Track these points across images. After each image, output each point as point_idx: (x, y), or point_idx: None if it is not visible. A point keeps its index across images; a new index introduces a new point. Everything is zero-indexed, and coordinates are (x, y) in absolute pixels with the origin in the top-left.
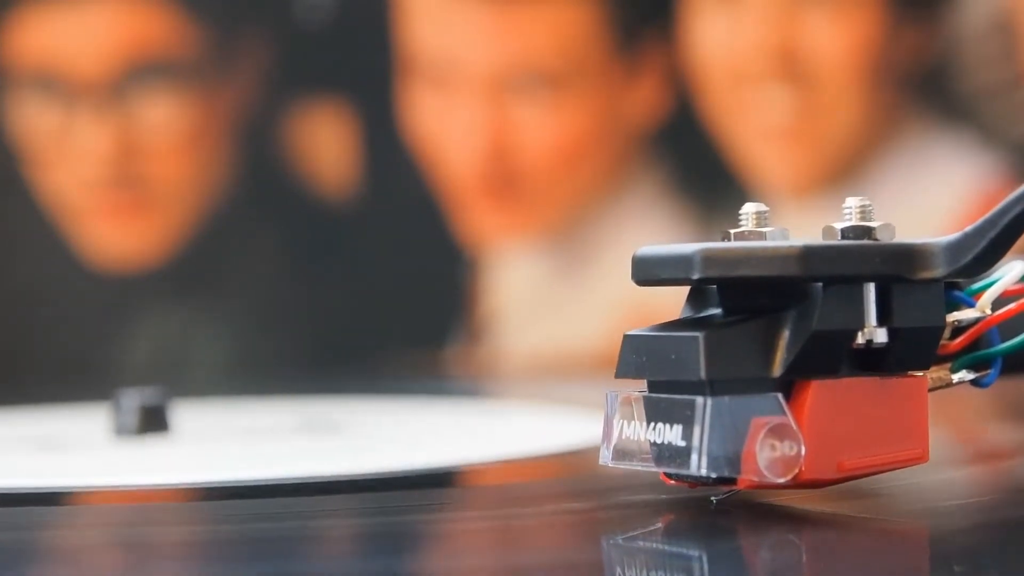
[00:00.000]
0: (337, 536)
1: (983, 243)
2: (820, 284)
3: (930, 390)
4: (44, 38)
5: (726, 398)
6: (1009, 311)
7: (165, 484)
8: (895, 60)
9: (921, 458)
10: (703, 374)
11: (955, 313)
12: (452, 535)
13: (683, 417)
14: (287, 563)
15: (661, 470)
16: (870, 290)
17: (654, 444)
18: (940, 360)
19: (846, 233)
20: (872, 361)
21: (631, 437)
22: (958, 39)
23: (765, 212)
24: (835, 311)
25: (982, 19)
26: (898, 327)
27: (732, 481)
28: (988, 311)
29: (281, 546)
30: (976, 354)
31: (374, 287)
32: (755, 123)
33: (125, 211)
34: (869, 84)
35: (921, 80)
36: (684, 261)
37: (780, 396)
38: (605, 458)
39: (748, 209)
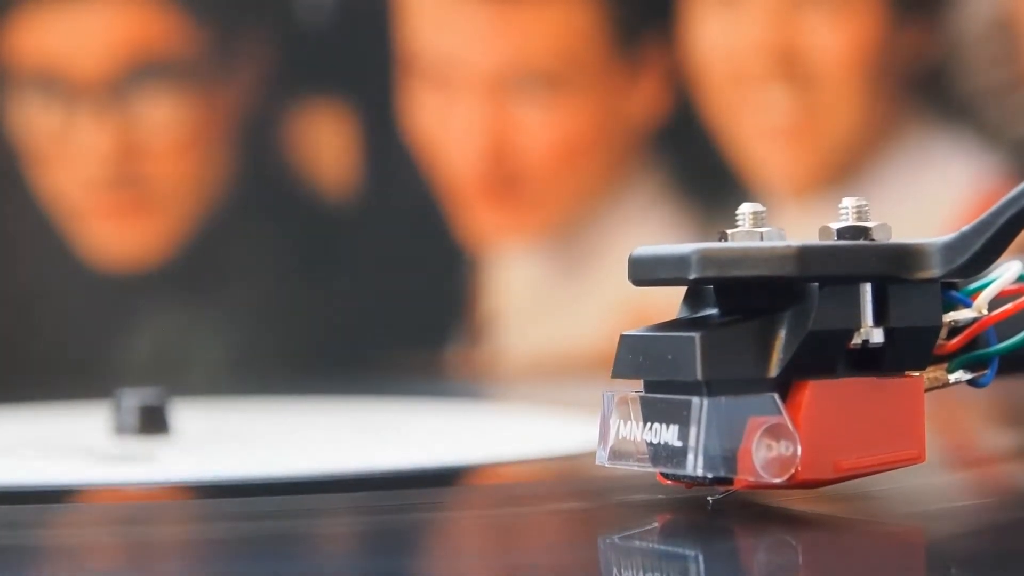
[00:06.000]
0: (335, 535)
1: (979, 243)
2: (816, 284)
3: (927, 390)
4: (44, 38)
5: (722, 398)
6: (1006, 311)
7: (165, 484)
8: (895, 60)
9: (918, 458)
10: (699, 374)
11: (952, 313)
12: (450, 534)
13: (679, 417)
14: (286, 562)
15: (658, 470)
16: (866, 290)
17: (650, 444)
18: (937, 360)
19: (842, 233)
20: (869, 361)
21: (628, 437)
22: (958, 39)
23: (762, 212)
24: (831, 311)
25: (982, 19)
26: (894, 327)
27: (728, 481)
28: (985, 311)
29: (279, 545)
30: (973, 354)
31: (374, 287)
32: (755, 123)
33: (125, 211)
34: (869, 84)
35: (921, 80)
36: (681, 261)
37: (776, 396)
38: (602, 458)
39: (745, 209)
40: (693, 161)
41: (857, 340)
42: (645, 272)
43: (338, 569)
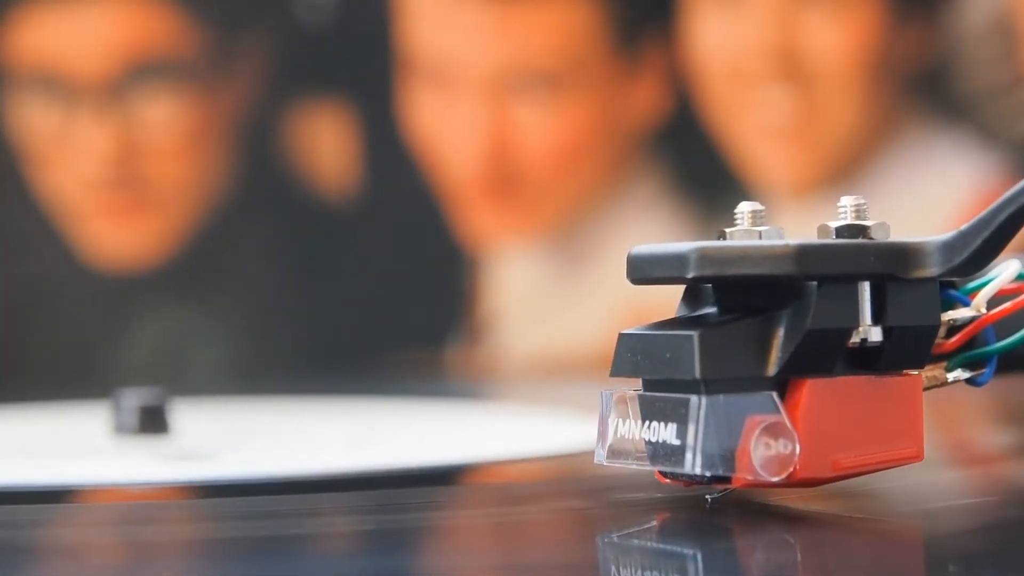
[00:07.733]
0: (335, 534)
1: (978, 242)
2: (815, 283)
3: (925, 389)
4: (44, 38)
5: (720, 397)
6: (1004, 310)
7: (164, 484)
8: (895, 60)
9: (916, 457)
10: (698, 373)
11: (950, 312)
12: (449, 533)
13: (678, 416)
14: (285, 562)
15: (656, 469)
16: (865, 289)
17: (649, 443)
18: (935, 359)
19: (841, 232)
20: (867, 360)
21: (626, 436)
22: (958, 39)
23: (761, 211)
24: (830, 310)
25: (982, 19)
26: (893, 326)
27: (727, 480)
28: (983, 310)
29: (279, 545)
30: (971, 353)
31: (374, 287)
32: (755, 123)
33: (125, 211)
34: (869, 84)
35: (921, 79)
36: (679, 260)
37: (775, 395)
38: (600, 457)
39: (744, 208)
40: (693, 161)
41: (855, 339)
42: (643, 270)
43: (335, 569)
